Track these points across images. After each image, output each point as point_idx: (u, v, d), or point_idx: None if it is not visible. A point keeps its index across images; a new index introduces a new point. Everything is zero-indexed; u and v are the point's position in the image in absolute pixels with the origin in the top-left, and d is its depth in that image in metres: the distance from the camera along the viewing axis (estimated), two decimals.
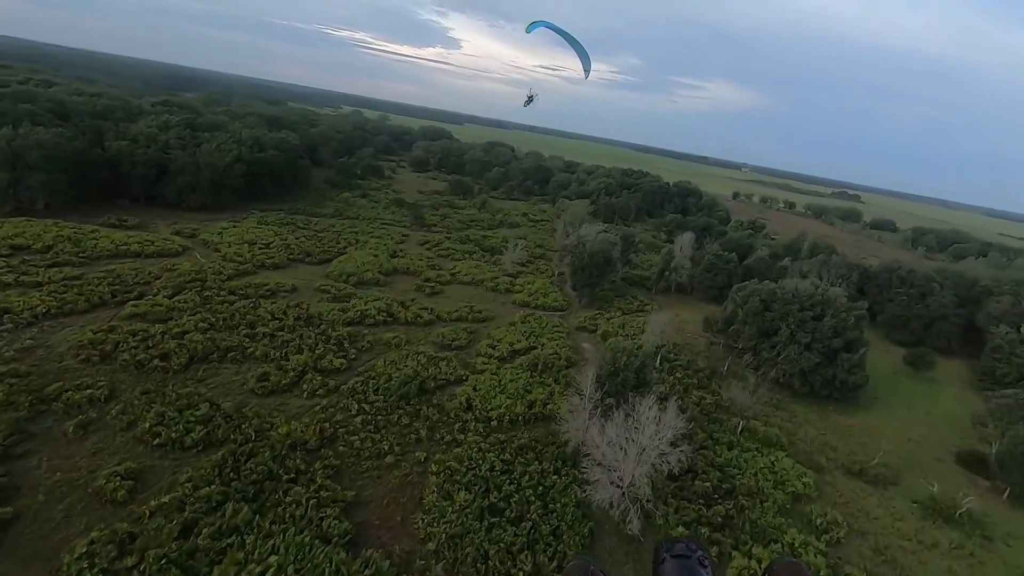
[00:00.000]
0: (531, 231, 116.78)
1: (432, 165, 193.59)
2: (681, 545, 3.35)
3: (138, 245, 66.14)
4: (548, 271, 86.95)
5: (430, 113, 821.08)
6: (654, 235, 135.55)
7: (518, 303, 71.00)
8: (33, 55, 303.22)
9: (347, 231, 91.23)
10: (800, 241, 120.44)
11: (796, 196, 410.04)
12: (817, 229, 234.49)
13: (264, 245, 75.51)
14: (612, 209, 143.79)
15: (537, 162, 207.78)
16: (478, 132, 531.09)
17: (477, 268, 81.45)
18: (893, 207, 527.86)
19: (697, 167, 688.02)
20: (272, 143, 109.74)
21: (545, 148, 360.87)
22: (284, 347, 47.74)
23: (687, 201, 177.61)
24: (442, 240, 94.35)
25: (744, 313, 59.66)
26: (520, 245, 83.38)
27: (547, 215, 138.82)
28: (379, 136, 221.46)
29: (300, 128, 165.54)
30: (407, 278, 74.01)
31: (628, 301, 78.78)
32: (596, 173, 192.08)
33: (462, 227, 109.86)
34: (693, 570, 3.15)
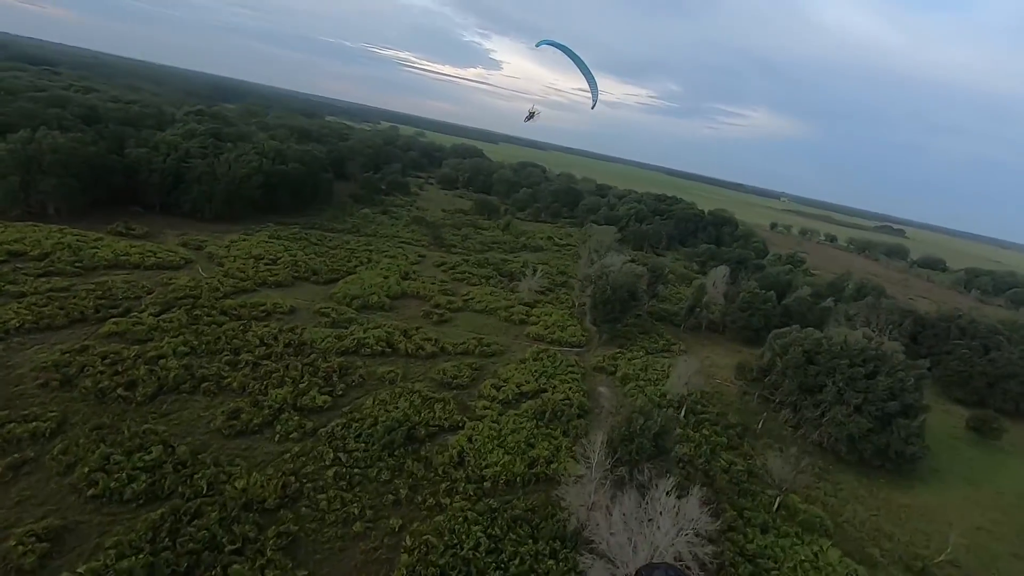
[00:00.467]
0: (554, 256, 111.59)
1: (460, 183, 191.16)
2: (659, 571, 4.34)
3: (139, 256, 63.49)
4: (568, 301, 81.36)
5: (467, 131, 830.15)
6: (685, 265, 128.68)
7: (532, 336, 65.56)
8: (90, 64, 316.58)
9: (361, 249, 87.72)
10: (844, 280, 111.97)
11: (837, 228, 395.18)
12: (860, 265, 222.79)
13: (271, 261, 72.27)
14: (642, 236, 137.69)
15: (567, 184, 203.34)
16: (512, 151, 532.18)
17: (492, 295, 76.50)
18: (941, 244, 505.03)
19: (733, 195, 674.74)
20: (295, 156, 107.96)
21: (578, 169, 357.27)
22: (266, 379, 43.38)
23: (722, 230, 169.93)
24: (459, 262, 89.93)
25: (784, 364, 52.91)
26: (540, 272, 78.28)
27: (573, 239, 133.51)
28: (409, 152, 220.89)
29: (330, 141, 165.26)
30: (416, 303, 69.51)
31: (653, 339, 72.46)
32: (627, 198, 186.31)
33: (482, 249, 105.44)
34: None
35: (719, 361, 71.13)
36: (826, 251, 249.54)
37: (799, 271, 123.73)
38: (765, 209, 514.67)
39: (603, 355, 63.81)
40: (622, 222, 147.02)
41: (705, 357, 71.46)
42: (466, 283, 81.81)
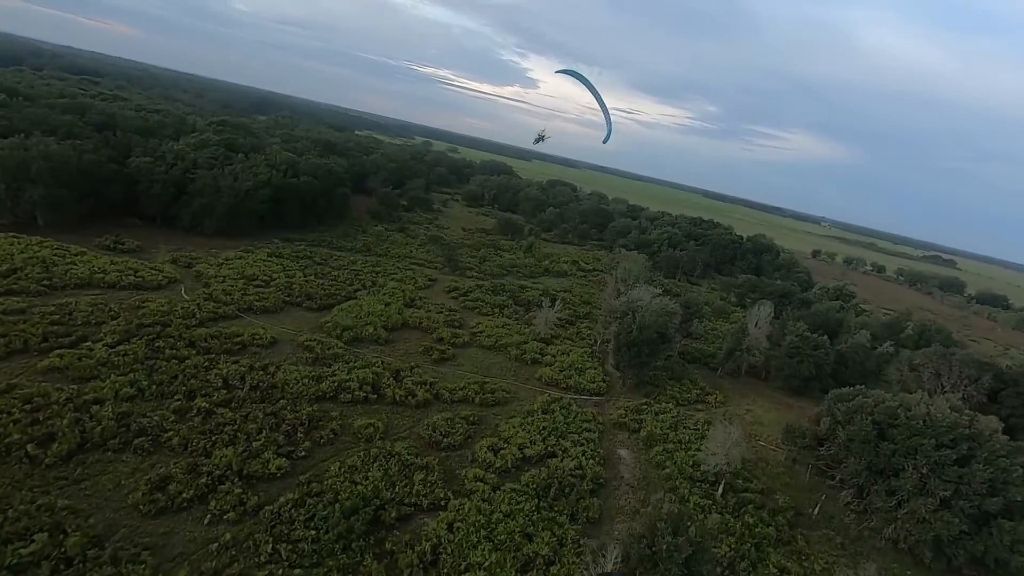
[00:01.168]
0: (579, 283, 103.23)
1: (486, 201, 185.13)
2: None
3: (117, 274, 58.06)
4: (589, 337, 72.87)
5: (502, 148, 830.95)
6: (723, 296, 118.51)
7: (544, 381, 57.26)
8: (137, 75, 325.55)
9: (368, 270, 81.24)
10: (903, 321, 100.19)
11: (882, 257, 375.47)
12: (912, 299, 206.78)
13: (263, 282, 66.17)
14: (675, 263, 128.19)
15: (597, 204, 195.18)
16: (544, 169, 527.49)
17: (504, 328, 68.63)
18: (996, 276, 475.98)
19: (772, 219, 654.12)
20: (308, 168, 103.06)
21: (610, 189, 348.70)
22: (216, 433, 36.33)
23: (762, 259, 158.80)
24: (472, 288, 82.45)
25: (847, 434, 43.25)
26: (559, 304, 70.08)
27: (600, 264, 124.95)
28: (437, 168, 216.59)
29: (353, 155, 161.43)
30: (417, 336, 62.16)
31: (685, 386, 63.21)
32: (660, 220, 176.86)
33: (500, 273, 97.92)
34: None
35: (763, 416, 61.36)
36: (873, 282, 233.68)
37: (850, 308, 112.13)
38: (806, 235, 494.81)
39: (626, 407, 54.98)
40: (654, 247, 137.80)
41: (746, 410, 61.84)
42: (477, 312, 74.21)
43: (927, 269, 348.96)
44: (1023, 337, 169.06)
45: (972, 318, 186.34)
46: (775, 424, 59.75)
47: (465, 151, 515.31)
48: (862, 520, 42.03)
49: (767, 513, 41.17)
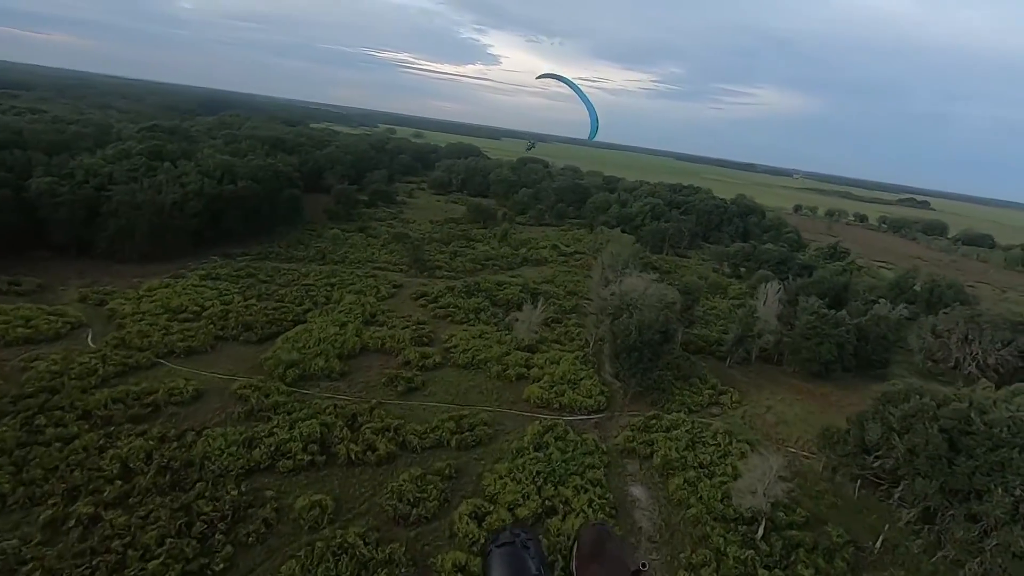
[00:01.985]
0: (561, 270, 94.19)
1: (455, 186, 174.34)
2: (506, 533, 3.32)
3: (2, 327, 47.54)
4: (580, 337, 64.27)
5: (469, 129, 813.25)
6: (715, 268, 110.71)
7: (533, 402, 48.53)
8: (71, 85, 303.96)
9: (322, 283, 71.24)
10: (910, 278, 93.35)
11: (859, 205, 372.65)
12: (899, 247, 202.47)
13: (193, 314, 55.99)
14: (661, 236, 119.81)
15: (572, 180, 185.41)
16: (515, 147, 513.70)
17: (482, 339, 59.53)
18: (970, 214, 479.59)
19: (746, 176, 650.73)
20: (248, 172, 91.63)
21: (583, 162, 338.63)
22: (97, 554, 26.89)
23: (748, 221, 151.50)
24: (443, 292, 72.92)
25: (907, 445, 35.36)
26: (541, 305, 60.97)
27: (582, 245, 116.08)
28: (400, 156, 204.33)
29: (305, 150, 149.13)
30: (380, 361, 52.83)
31: (694, 387, 55.03)
32: (639, 191, 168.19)
33: (474, 268, 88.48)
34: (517, 554, 3.11)
35: (785, 412, 53.58)
36: (858, 233, 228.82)
37: (851, 270, 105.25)
38: (782, 189, 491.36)
39: (631, 424, 46.60)
40: (636, 220, 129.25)
41: (766, 408, 54.00)
42: (450, 321, 64.97)
43: (907, 214, 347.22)
44: (1017, 277, 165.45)
45: (962, 261, 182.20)
46: (802, 422, 52.10)
47: (431, 135, 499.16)
48: (935, 550, 34.38)
49: (822, 555, 33.31)
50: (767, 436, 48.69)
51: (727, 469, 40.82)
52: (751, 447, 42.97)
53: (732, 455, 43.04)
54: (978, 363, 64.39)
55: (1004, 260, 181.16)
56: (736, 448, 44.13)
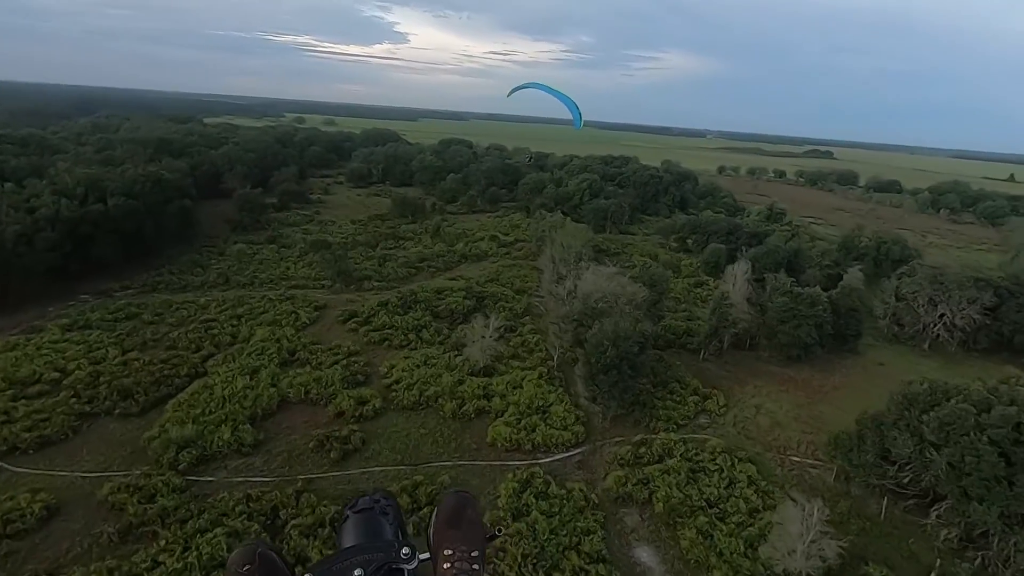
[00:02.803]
0: (505, 265, 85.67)
1: (375, 177, 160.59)
2: (365, 499, 3.12)
3: None
4: (540, 348, 56.41)
5: (384, 112, 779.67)
6: (662, 244, 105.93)
7: (501, 445, 40.31)
8: None
9: (226, 316, 59.14)
10: (856, 238, 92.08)
11: (771, 160, 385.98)
12: (818, 200, 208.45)
13: (49, 385, 43.22)
14: (602, 214, 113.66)
15: (501, 160, 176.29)
16: (434, 128, 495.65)
17: (428, 367, 50.31)
18: (866, 160, 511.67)
19: (664, 139, 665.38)
20: (122, 185, 76.16)
21: (507, 138, 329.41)
22: None
23: (683, 189, 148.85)
24: (375, 309, 62.66)
25: (948, 460, 30.10)
26: (492, 320, 51.91)
27: (522, 231, 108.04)
28: (311, 148, 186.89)
29: (197, 151, 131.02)
30: (305, 415, 42.72)
31: (675, 393, 48.71)
32: (571, 166, 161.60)
33: (408, 273, 78.39)
34: (374, 520, 2.98)
35: (776, 412, 48.31)
36: (780, 189, 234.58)
37: (795, 233, 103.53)
38: (699, 151, 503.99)
39: (619, 458, 39.47)
40: (574, 199, 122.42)
41: (755, 408, 48.55)
42: (387, 347, 55.21)
43: (821, 166, 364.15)
44: (930, 220, 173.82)
45: (879, 209, 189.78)
46: (796, 420, 47.06)
47: (344, 122, 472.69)
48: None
49: None
50: (766, 445, 43.16)
51: (739, 504, 34.59)
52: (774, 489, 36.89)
53: (738, 482, 36.94)
54: (946, 325, 62.43)
55: (916, 204, 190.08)
56: (741, 471, 38.07)
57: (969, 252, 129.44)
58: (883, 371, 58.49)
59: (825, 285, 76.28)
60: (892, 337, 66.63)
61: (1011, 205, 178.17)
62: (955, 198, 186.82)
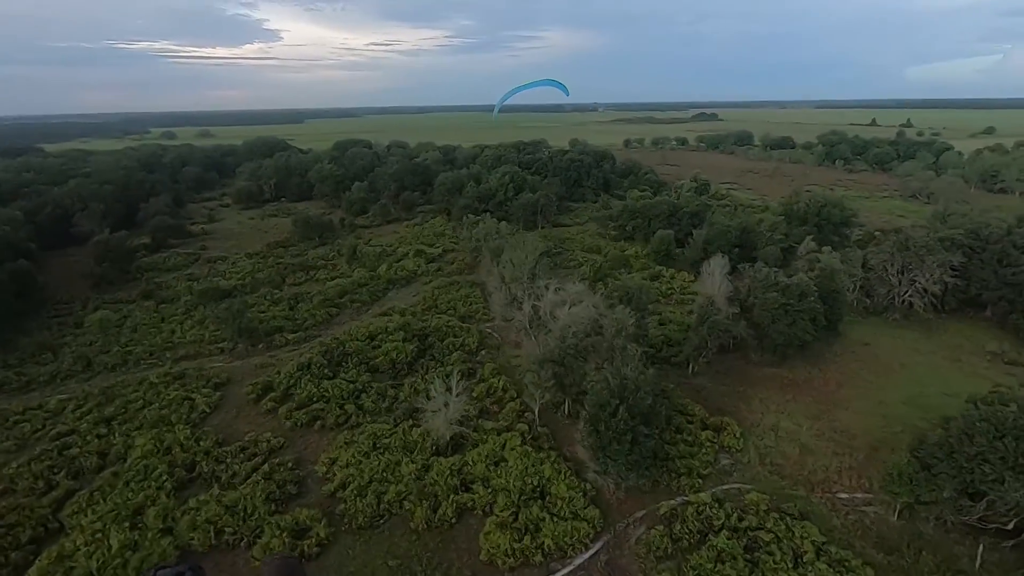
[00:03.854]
0: (440, 285, 74.42)
1: (268, 194, 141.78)
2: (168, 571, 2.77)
3: None
4: (509, 392, 46.60)
5: (266, 116, 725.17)
6: (600, 232, 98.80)
7: (501, 561, 30.28)
8: None
9: (90, 422, 43.92)
10: (793, 204, 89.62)
11: (663, 128, 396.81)
12: (725, 164, 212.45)
13: None
14: (532, 209, 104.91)
15: (407, 157, 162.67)
16: (324, 128, 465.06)
17: (380, 453, 39.00)
18: (748, 119, 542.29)
19: (556, 116, 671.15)
20: None
21: (405, 133, 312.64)
22: None
23: (603, 169, 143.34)
24: (295, 375, 49.72)
25: None
26: (455, 381, 41.07)
27: (449, 240, 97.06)
28: (186, 168, 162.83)
29: (36, 192, 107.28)
30: (218, 571, 30.30)
31: (685, 432, 40.90)
32: (484, 158, 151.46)
33: (327, 315, 65.32)
34: None
35: (798, 432, 41.81)
36: (686, 157, 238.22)
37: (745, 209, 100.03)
38: (595, 124, 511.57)
39: (652, 548, 30.82)
40: (498, 196, 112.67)
41: (774, 433, 41.82)
42: (319, 429, 43.07)
43: (707, 128, 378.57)
44: (832, 173, 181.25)
45: (783, 167, 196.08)
46: (820, 438, 40.87)
47: (222, 131, 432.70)
48: None
49: None
50: (805, 483, 36.38)
51: None
52: None
53: (804, 553, 29.56)
54: (917, 291, 59.65)
55: (814, 158, 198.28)
56: (800, 534, 30.76)
57: (877, 201, 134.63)
58: (873, 353, 54.51)
59: (782, 262, 72.64)
60: (863, 311, 63.41)
61: (895, 151, 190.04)
62: (846, 148, 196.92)
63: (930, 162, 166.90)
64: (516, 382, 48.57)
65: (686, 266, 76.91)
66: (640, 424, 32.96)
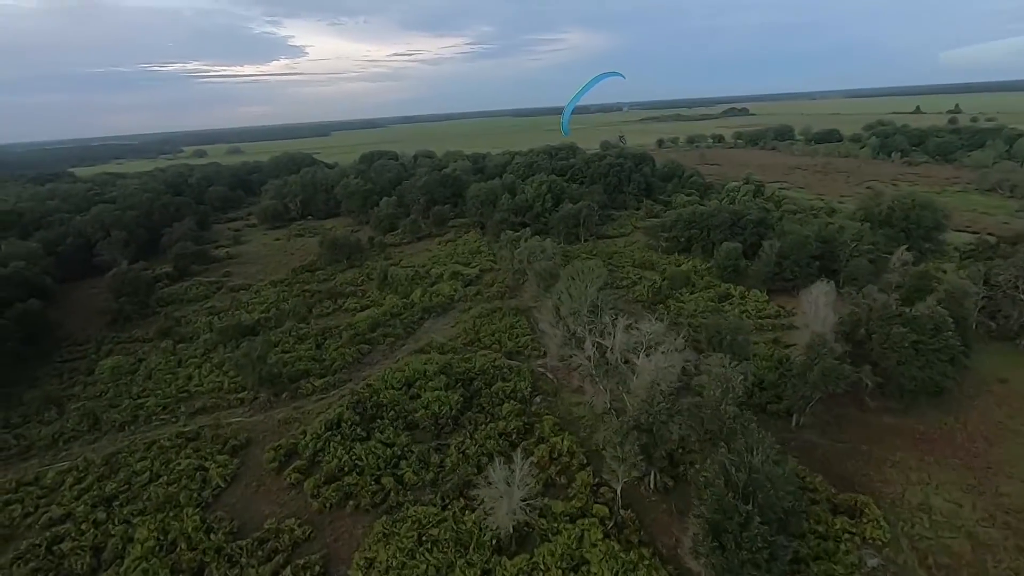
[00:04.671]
0: (481, 312, 66.72)
1: (294, 212, 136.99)
2: None
3: None
4: (576, 455, 38.44)
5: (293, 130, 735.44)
6: (651, 244, 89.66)
7: None
8: None
9: (88, 504, 37.43)
10: (874, 206, 79.04)
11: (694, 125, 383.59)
12: (768, 161, 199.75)
13: None
14: (575, 221, 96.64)
15: (436, 168, 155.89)
16: (350, 140, 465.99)
17: (425, 546, 31.33)
18: (780, 112, 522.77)
19: (583, 118, 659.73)
20: None
21: (430, 141, 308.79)
22: None
23: (644, 174, 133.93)
24: (323, 436, 42.57)
25: None
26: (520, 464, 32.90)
27: (485, 257, 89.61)
28: (212, 188, 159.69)
29: (58, 221, 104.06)
30: None
31: (815, 520, 32.13)
32: (514, 166, 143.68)
33: (358, 354, 58.22)
34: None
35: (954, 511, 32.55)
36: (726, 155, 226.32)
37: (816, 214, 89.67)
38: (624, 124, 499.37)
39: None
40: (535, 207, 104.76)
41: (928, 518, 32.61)
42: (352, 509, 35.68)
43: (741, 123, 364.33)
44: (889, 166, 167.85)
45: (834, 161, 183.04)
46: (987, 518, 31.66)
47: (251, 147, 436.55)
48: None
49: None
50: None
51: None
52: None
53: None
54: None
55: (869, 151, 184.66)
56: None
57: (951, 196, 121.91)
58: (1016, 392, 44.53)
59: (871, 277, 62.71)
60: (986, 336, 53.20)
61: (959, 139, 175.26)
62: (903, 139, 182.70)
63: (1002, 151, 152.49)
64: (583, 440, 40.52)
65: (757, 283, 67.58)
66: (776, 530, 24.46)
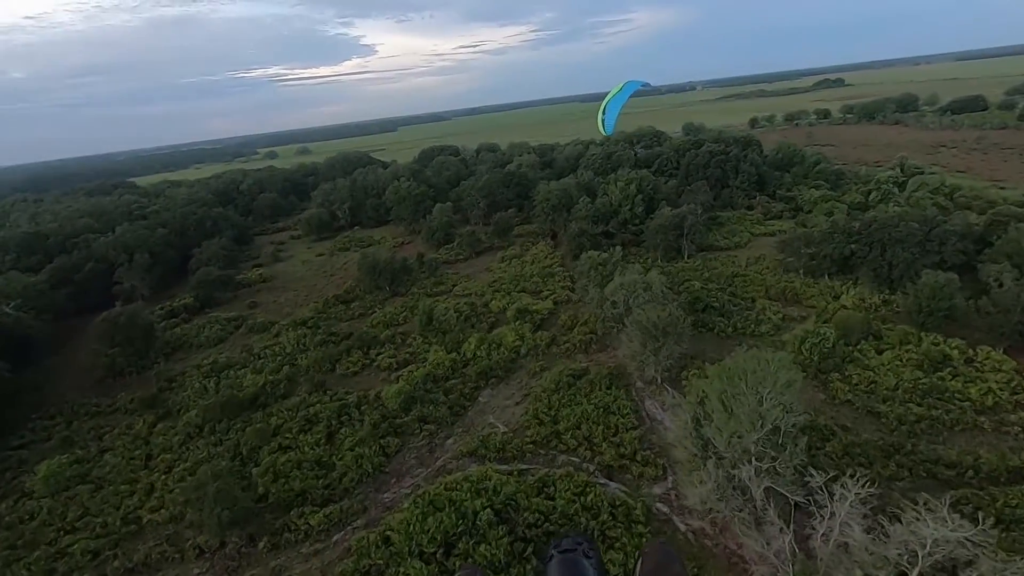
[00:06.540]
0: (556, 380, 46.71)
1: (342, 220, 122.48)
2: (568, 540, 3.27)
3: None
4: None
5: (361, 128, 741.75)
6: (788, 265, 65.83)
7: None
8: None
9: None
10: None
11: (781, 101, 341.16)
12: (897, 138, 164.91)
13: None
14: (677, 230, 74.02)
15: (497, 164, 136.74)
16: (414, 135, 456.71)
17: None
18: (883, 80, 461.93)
19: (655, 99, 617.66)
20: None
21: (495, 133, 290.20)
22: None
23: (751, 161, 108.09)
24: None
25: None
26: None
27: (559, 279, 69.54)
28: (263, 195, 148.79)
29: (85, 242, 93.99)
30: None
31: None
32: (590, 159, 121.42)
33: (378, 462, 40.11)
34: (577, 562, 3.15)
35: None
36: (839, 133, 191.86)
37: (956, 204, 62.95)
38: (702, 104, 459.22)
39: None
40: (622, 213, 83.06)
41: None
42: None
43: (841, 95, 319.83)
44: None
45: (990, 135, 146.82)
46: None
47: (319, 147, 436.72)
48: None
49: None
50: None
51: None
52: None
53: None
54: None
55: (1009, 121, 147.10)
56: None
57: None
58: None
59: None
60: None
61: None
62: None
63: None
64: None
65: (994, 337, 43.22)
66: None
